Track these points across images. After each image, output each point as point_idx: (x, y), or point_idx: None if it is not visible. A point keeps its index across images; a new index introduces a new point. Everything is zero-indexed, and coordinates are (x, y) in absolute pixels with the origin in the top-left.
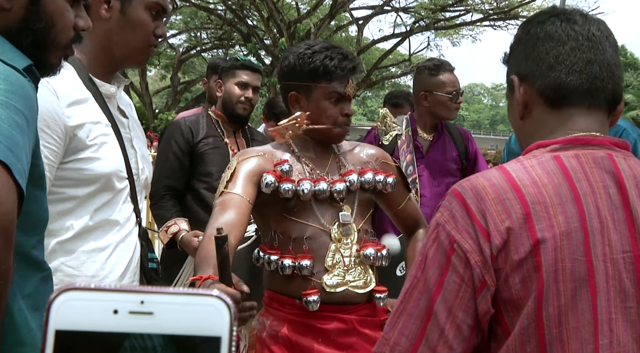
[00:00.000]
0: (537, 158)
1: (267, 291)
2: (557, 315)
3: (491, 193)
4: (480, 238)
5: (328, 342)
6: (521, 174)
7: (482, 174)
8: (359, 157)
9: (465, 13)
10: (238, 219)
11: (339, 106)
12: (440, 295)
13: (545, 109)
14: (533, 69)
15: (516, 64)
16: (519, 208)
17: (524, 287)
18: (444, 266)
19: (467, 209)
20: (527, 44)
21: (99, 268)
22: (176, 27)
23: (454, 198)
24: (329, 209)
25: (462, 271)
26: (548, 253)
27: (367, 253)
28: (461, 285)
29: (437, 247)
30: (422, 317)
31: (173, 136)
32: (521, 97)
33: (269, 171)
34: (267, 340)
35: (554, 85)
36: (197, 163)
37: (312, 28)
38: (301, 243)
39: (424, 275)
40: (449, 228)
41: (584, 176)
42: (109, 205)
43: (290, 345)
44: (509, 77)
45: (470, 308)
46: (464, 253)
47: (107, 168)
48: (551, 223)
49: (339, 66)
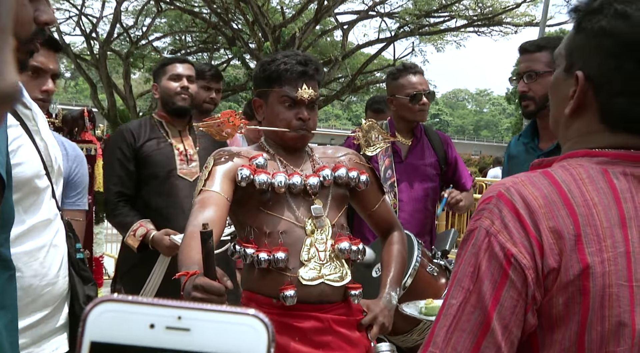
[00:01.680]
0: (584, 168)
1: (244, 292)
2: (599, 340)
3: (544, 206)
4: (536, 255)
5: (305, 341)
6: (572, 188)
7: (529, 179)
8: (333, 157)
9: (449, 19)
10: (217, 216)
11: (293, 111)
12: (497, 311)
13: (598, 121)
14: (605, 82)
15: (589, 62)
16: (572, 228)
17: (565, 309)
18: (499, 280)
19: (522, 221)
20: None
21: (39, 267)
22: (161, 30)
23: (503, 205)
24: (303, 203)
25: (520, 287)
26: (596, 278)
27: (341, 247)
28: (518, 301)
29: (490, 258)
30: (477, 332)
31: (116, 144)
32: (578, 99)
33: (244, 165)
34: None
35: (618, 111)
36: (142, 167)
37: (297, 32)
38: (276, 237)
39: (477, 288)
40: (502, 240)
41: (630, 196)
42: (36, 206)
43: None
44: (570, 61)
45: (522, 324)
46: (522, 268)
47: (29, 172)
48: (600, 247)
49: (289, 69)
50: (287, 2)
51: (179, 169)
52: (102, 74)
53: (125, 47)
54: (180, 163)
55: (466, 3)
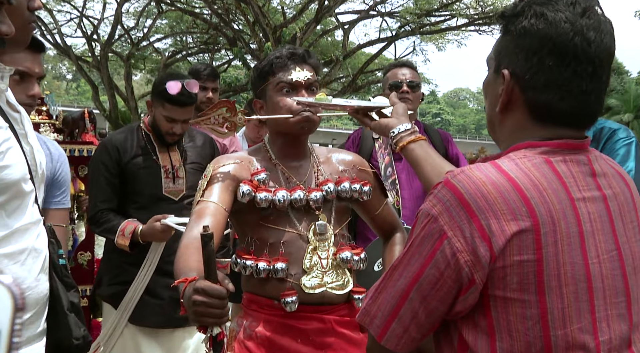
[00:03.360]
0: (528, 158)
1: (245, 294)
2: (561, 317)
3: (493, 190)
4: (475, 238)
5: (307, 342)
6: (519, 175)
7: (478, 168)
8: (336, 166)
9: (450, 18)
10: (214, 227)
11: (293, 95)
12: (417, 284)
13: (528, 117)
14: (529, 78)
15: (513, 60)
16: (525, 210)
17: (520, 289)
18: (426, 257)
19: (464, 206)
20: (531, 44)
21: (18, 269)
22: (162, 32)
23: (448, 190)
24: (306, 216)
25: (442, 268)
26: (550, 257)
27: (343, 257)
28: (439, 279)
29: (424, 237)
30: (397, 298)
31: (100, 159)
32: (507, 96)
33: (245, 181)
34: (246, 341)
35: (543, 105)
36: (127, 184)
37: (298, 32)
38: (277, 247)
39: (406, 259)
40: (441, 223)
41: (574, 180)
42: (20, 210)
43: (269, 344)
44: (498, 62)
45: (446, 299)
46: (453, 251)
47: (16, 175)
48: (554, 228)
49: (279, 56)
50: (287, 2)
51: (165, 188)
52: (104, 76)
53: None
54: (166, 181)
55: (467, 2)
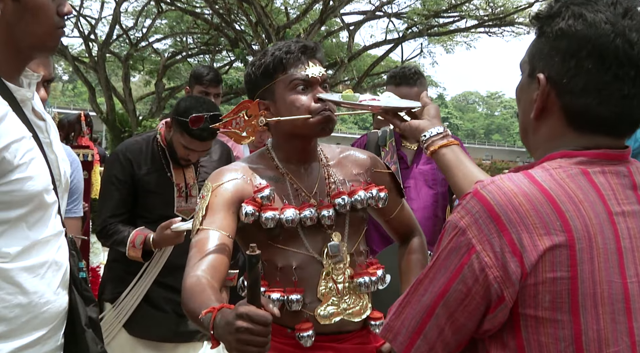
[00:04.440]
0: (563, 169)
1: None
2: (596, 340)
3: (525, 202)
4: (506, 252)
5: None
6: (554, 186)
7: (509, 178)
8: (349, 169)
9: (459, 19)
10: (219, 261)
11: (308, 94)
12: (444, 299)
13: (564, 124)
14: (566, 82)
15: (549, 63)
16: (559, 224)
17: (553, 307)
18: (453, 272)
19: (494, 218)
20: (570, 47)
21: (38, 283)
22: (161, 32)
23: (477, 202)
24: (318, 235)
25: (470, 284)
26: (586, 275)
27: (360, 282)
28: (467, 295)
29: (451, 251)
30: (423, 314)
31: (112, 169)
32: (542, 102)
33: (248, 201)
34: None
35: (581, 110)
36: (139, 199)
37: (301, 33)
38: (289, 272)
39: (432, 273)
40: (470, 236)
41: (613, 193)
42: (42, 223)
43: None
44: (532, 66)
45: (474, 316)
46: (482, 266)
47: (38, 186)
48: (591, 243)
49: (288, 51)
50: (291, 2)
51: (177, 208)
52: (101, 77)
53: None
54: (179, 200)
55: (476, 3)
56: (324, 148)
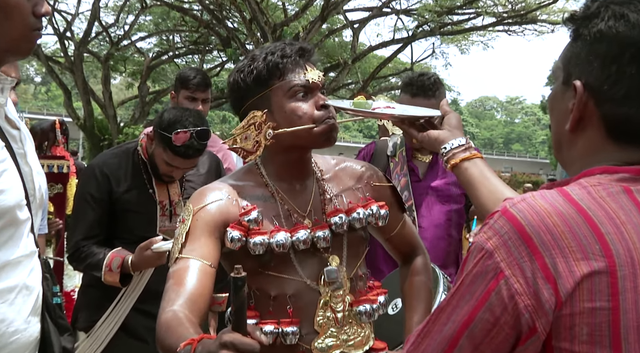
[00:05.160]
0: (603, 186)
1: None
2: None
3: (560, 223)
4: (538, 278)
5: None
6: (592, 206)
7: (542, 196)
8: (346, 184)
9: (475, 16)
10: (198, 295)
11: (309, 101)
12: (468, 330)
13: (604, 135)
14: (607, 90)
15: (587, 69)
16: (598, 248)
17: (591, 340)
18: (479, 299)
19: (525, 240)
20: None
21: (7, 310)
22: (145, 29)
23: (506, 221)
24: (313, 259)
25: (498, 313)
26: (628, 305)
27: (360, 310)
28: (494, 325)
29: (477, 275)
30: (445, 346)
31: (87, 186)
32: (579, 112)
33: (234, 225)
34: None
35: (622, 120)
36: (117, 219)
37: (300, 32)
38: (284, 301)
39: (455, 300)
40: (498, 259)
41: None
42: (13, 242)
43: None
44: (567, 72)
45: (502, 349)
46: (511, 293)
47: (11, 201)
48: (634, 270)
49: (283, 54)
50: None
51: (159, 227)
52: (78, 79)
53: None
54: (162, 218)
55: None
56: (317, 159)
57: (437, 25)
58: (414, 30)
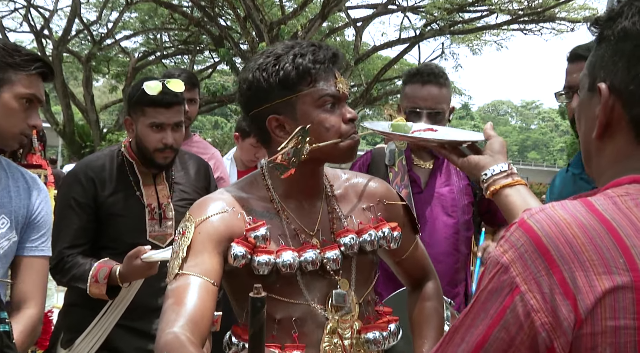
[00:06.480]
0: (631, 196)
1: None
2: None
3: (580, 234)
4: (556, 294)
5: None
6: (617, 217)
7: (562, 206)
8: (357, 202)
9: (488, 14)
10: (200, 316)
11: (336, 112)
12: (483, 350)
13: (634, 141)
14: (634, 90)
15: (612, 70)
16: (622, 262)
17: None
18: (493, 317)
19: (543, 253)
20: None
21: None
22: (131, 27)
23: (523, 233)
24: (321, 282)
25: (514, 331)
26: None
27: (369, 338)
28: (510, 345)
29: (492, 291)
30: None
31: (70, 191)
32: (605, 117)
33: (239, 241)
34: None
35: None
36: (103, 226)
37: (299, 30)
38: (289, 326)
39: (469, 318)
40: (513, 274)
41: None
42: None
43: None
44: (592, 77)
45: None
46: (527, 310)
47: None
48: None
49: (316, 59)
50: None
51: (149, 233)
52: (57, 81)
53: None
54: (151, 223)
55: None
56: (328, 172)
57: (446, 23)
58: (421, 29)
